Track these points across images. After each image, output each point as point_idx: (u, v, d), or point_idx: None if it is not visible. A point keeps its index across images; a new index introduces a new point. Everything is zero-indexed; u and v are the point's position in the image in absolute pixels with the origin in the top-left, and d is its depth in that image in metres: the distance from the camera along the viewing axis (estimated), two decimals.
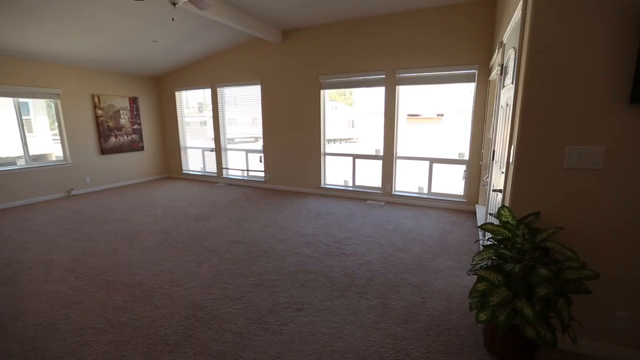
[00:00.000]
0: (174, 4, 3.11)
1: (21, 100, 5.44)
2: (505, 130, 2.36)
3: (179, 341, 2.05)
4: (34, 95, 5.48)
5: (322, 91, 5.59)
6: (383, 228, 4.06)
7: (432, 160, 5.04)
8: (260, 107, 6.25)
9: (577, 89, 1.70)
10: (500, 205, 2.17)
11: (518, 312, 1.59)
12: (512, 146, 2.01)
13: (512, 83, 2.18)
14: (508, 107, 2.33)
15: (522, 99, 1.85)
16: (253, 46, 6.02)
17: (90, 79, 6.22)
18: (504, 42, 2.80)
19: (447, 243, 3.57)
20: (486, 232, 2.47)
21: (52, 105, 5.88)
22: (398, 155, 5.25)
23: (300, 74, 5.69)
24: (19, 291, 2.68)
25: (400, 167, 5.33)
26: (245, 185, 6.78)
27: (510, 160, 2.02)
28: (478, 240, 3.12)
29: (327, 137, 5.93)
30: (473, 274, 1.86)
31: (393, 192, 5.31)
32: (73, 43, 4.94)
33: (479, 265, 1.80)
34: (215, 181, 7.18)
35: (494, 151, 3.07)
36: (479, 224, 3.94)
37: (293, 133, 5.99)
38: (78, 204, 5.44)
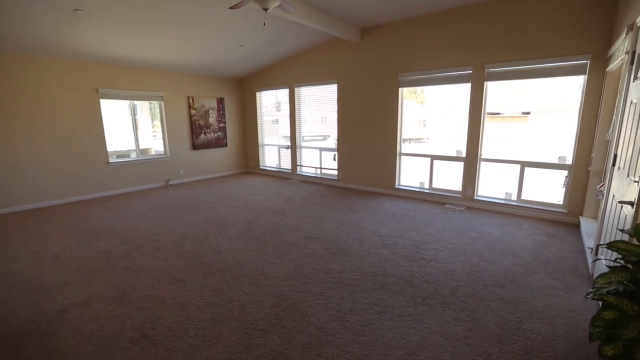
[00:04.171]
0: (266, 9, 3.29)
1: (134, 102, 6.39)
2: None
3: (267, 328, 2.18)
4: (144, 98, 6.39)
5: (399, 89, 5.41)
6: (465, 235, 3.77)
7: (524, 164, 4.50)
8: (334, 106, 6.31)
9: None
10: (632, 220, 1.83)
11: None
12: None
13: None
14: None
15: None
16: (330, 46, 6.10)
17: (186, 83, 7.01)
18: (638, 24, 2.35)
19: (545, 258, 3.16)
20: (603, 250, 2.10)
21: (156, 106, 6.78)
22: (483, 157, 4.82)
23: (378, 72, 5.59)
24: (135, 264, 3.15)
25: (483, 170, 4.89)
26: (318, 182, 6.94)
27: None
28: (598, 259, 2.65)
29: (403, 136, 5.73)
30: (595, 299, 1.60)
31: (475, 197, 4.90)
32: (176, 53, 5.60)
33: (605, 290, 1.54)
34: (289, 177, 7.50)
35: (615, 155, 2.61)
36: (585, 239, 3.40)
37: (368, 132, 5.92)
38: (174, 193, 6.19)
